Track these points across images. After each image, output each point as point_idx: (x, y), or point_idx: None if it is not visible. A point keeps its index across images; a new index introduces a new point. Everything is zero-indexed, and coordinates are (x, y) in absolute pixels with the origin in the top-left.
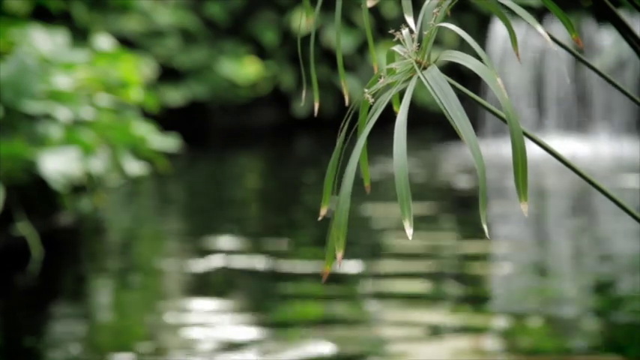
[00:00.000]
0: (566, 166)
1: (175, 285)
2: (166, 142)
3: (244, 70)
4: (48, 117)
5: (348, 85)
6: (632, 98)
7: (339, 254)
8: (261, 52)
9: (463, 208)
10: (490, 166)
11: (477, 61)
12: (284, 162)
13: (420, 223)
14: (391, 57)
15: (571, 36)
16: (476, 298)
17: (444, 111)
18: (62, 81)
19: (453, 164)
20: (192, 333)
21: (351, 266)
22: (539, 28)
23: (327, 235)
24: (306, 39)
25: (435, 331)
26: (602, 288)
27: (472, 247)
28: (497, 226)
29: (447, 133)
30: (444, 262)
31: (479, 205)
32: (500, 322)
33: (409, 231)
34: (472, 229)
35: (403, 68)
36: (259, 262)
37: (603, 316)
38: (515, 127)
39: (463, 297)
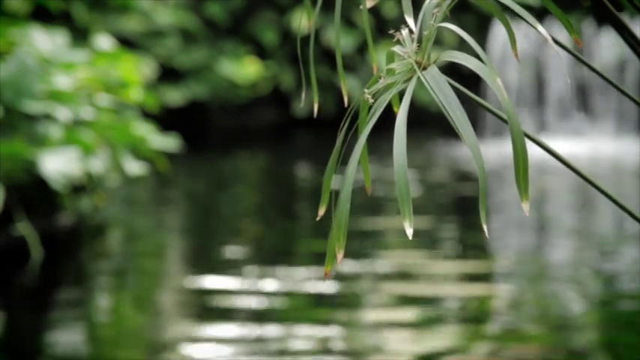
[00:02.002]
0: (566, 167)
1: (175, 286)
2: (166, 142)
3: (244, 70)
4: (48, 117)
5: (347, 85)
6: (631, 98)
7: (340, 254)
8: (261, 52)
9: (463, 215)
10: (489, 168)
11: (478, 61)
12: (284, 162)
13: (418, 229)
14: (391, 57)
15: (571, 36)
16: (477, 308)
17: (444, 111)
18: (62, 81)
19: (452, 167)
20: (192, 337)
21: (349, 268)
22: (540, 28)
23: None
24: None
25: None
26: (604, 291)
27: (472, 258)
28: (497, 234)
29: (445, 133)
30: (443, 276)
31: (479, 205)
32: (502, 332)
33: (409, 231)
34: (472, 240)
35: (403, 68)
36: (259, 264)
37: (605, 320)
38: (516, 126)
39: (463, 315)
